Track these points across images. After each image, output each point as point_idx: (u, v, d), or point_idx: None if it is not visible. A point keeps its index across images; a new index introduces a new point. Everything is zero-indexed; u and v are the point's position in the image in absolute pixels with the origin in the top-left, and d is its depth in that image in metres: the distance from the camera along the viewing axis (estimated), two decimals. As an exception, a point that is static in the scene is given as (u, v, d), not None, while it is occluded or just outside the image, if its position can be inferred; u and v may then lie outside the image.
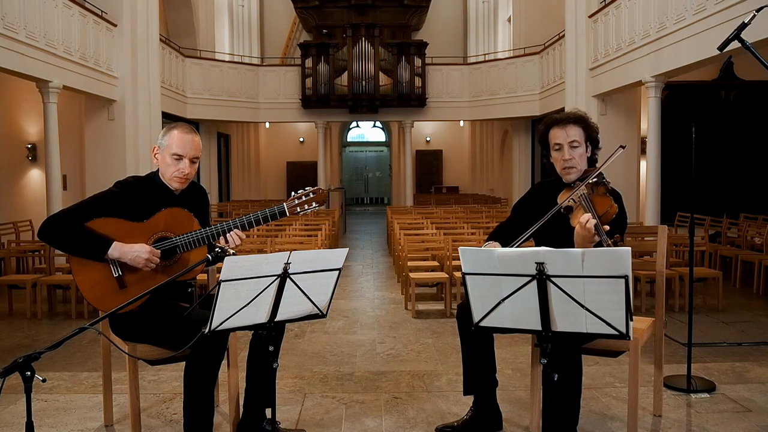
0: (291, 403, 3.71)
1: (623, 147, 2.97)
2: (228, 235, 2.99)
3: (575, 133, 3.05)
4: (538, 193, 3.23)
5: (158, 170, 3.14)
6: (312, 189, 3.05)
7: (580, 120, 3.08)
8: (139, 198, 3.02)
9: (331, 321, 6.51)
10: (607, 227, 2.65)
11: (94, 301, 2.94)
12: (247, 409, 3.13)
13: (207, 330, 2.50)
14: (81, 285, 2.93)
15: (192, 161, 3.09)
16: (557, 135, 3.07)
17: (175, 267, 3.01)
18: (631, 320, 2.18)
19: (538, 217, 2.93)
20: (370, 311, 7.04)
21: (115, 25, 11.21)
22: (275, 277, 2.53)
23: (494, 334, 3.04)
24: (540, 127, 3.20)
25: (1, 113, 11.08)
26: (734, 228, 10.04)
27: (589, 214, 2.68)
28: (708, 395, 3.76)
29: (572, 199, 2.87)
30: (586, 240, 2.64)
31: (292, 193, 3.04)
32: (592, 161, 3.13)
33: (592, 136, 3.10)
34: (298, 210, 3.01)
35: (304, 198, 3.02)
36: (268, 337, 2.72)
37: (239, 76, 17.41)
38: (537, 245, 3.01)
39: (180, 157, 3.06)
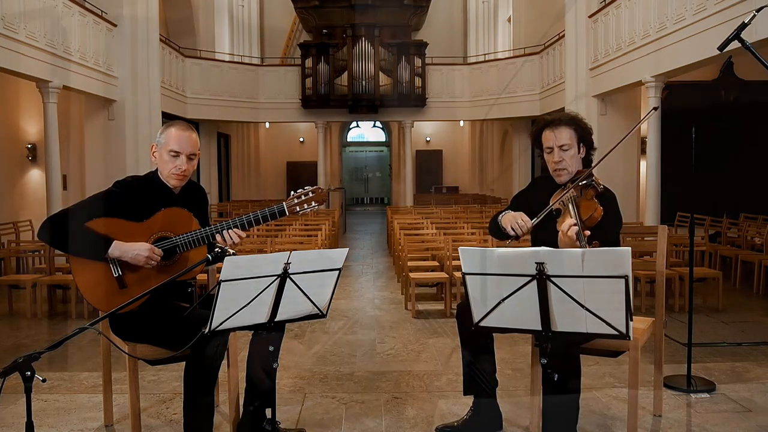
0: (291, 403, 3.71)
1: (656, 109, 2.96)
2: (226, 233, 2.99)
3: (566, 135, 3.04)
4: (537, 189, 3.23)
5: (157, 169, 3.15)
6: (311, 188, 3.06)
7: (571, 122, 3.07)
8: (138, 198, 3.03)
9: (331, 321, 6.51)
10: (588, 232, 2.65)
11: (94, 301, 2.94)
12: (247, 409, 3.13)
13: (207, 330, 2.50)
14: (81, 285, 2.93)
15: (189, 158, 3.11)
16: (548, 137, 3.07)
17: (175, 267, 3.01)
18: (631, 320, 2.18)
19: (533, 212, 2.94)
20: (370, 311, 7.04)
21: (115, 25, 11.22)
22: (275, 277, 2.53)
23: (494, 334, 3.04)
24: (532, 128, 3.20)
25: (1, 113, 11.08)
26: (734, 228, 10.04)
27: (573, 220, 2.68)
28: (708, 395, 3.76)
29: (561, 201, 2.88)
30: (568, 246, 2.65)
31: (291, 192, 3.04)
32: (587, 162, 3.12)
33: (585, 138, 3.09)
34: (298, 209, 3.02)
35: (303, 197, 3.03)
36: (268, 337, 2.72)
37: (239, 76, 17.41)
38: (533, 245, 3.01)
39: (177, 154, 3.08)
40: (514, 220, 2.96)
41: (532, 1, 16.24)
